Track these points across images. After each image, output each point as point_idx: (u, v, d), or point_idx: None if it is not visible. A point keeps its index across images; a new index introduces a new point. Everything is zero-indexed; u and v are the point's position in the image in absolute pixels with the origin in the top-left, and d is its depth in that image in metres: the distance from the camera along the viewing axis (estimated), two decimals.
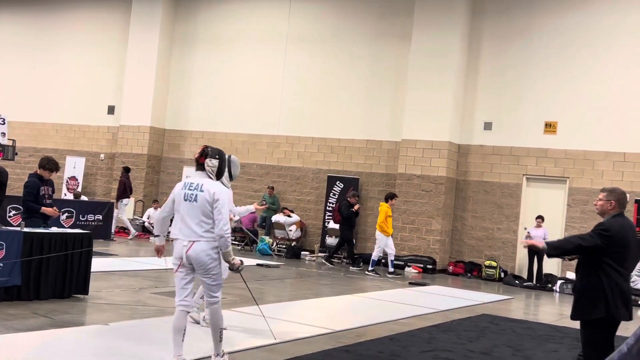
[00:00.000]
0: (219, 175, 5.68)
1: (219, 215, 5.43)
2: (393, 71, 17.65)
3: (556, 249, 5.25)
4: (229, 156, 6.97)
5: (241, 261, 5.74)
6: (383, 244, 14.78)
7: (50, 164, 8.69)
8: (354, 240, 16.22)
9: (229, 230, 5.47)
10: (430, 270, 16.01)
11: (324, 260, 15.78)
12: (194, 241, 5.45)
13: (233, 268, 5.65)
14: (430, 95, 16.49)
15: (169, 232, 5.84)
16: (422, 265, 16.18)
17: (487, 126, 16.67)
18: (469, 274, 16.06)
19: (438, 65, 16.50)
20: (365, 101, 17.96)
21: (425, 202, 16.51)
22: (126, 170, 18.73)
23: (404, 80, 17.16)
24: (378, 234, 14.84)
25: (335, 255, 15.99)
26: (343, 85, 18.30)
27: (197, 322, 7.39)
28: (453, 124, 16.62)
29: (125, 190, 18.26)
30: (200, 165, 5.65)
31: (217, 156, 5.67)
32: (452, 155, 16.68)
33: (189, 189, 5.57)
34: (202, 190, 5.51)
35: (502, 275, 15.65)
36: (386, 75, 17.75)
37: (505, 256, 16.22)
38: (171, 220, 5.86)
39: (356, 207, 15.59)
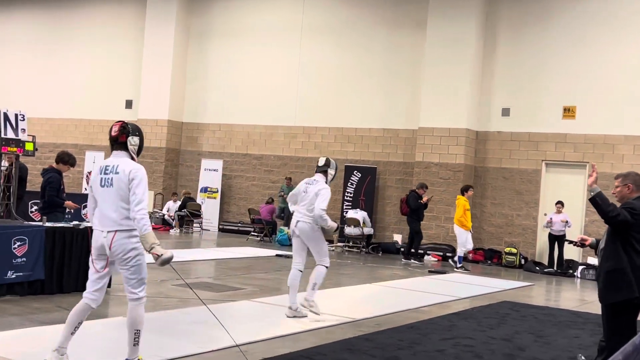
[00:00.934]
0: (138, 154, 5.15)
1: (133, 195, 4.83)
2: (409, 59, 17.58)
3: (602, 201, 5.05)
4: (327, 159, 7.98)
5: (170, 255, 4.89)
6: (464, 239, 14.35)
7: (72, 159, 8.85)
8: (421, 234, 15.36)
9: (144, 212, 4.81)
10: (450, 258, 15.98)
11: (403, 260, 15.11)
12: (113, 231, 4.89)
13: (155, 260, 4.86)
14: (447, 82, 16.41)
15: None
16: (441, 254, 16.17)
17: (505, 112, 16.56)
18: (489, 261, 16.01)
19: (454, 52, 16.40)
20: (381, 90, 17.92)
21: (444, 189, 16.47)
22: None
23: (420, 68, 17.09)
24: (457, 229, 14.40)
25: (411, 250, 15.19)
26: (359, 75, 18.27)
27: (318, 313, 7.47)
28: (470, 111, 16.53)
29: None
30: (119, 145, 5.05)
31: (137, 133, 5.11)
32: (470, 142, 16.60)
33: (105, 173, 4.99)
34: (117, 172, 4.94)
35: (523, 261, 15.59)
36: (402, 64, 17.69)
37: (526, 243, 16.15)
38: None
39: (425, 198, 14.91)
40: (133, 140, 5.06)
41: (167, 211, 19.37)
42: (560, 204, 15.03)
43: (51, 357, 4.85)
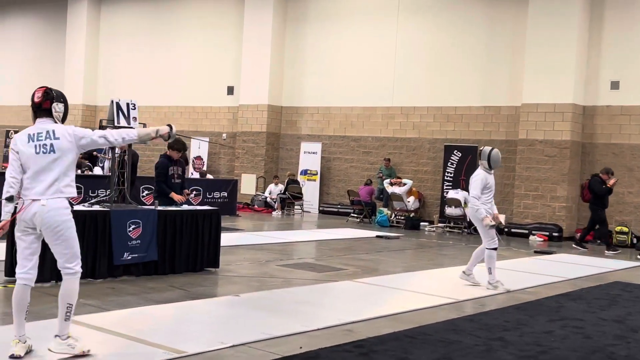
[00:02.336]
0: (63, 121, 4.88)
1: (100, 139, 4.83)
2: (510, 33, 17.05)
3: None
4: (492, 149, 8.58)
5: (170, 126, 5.01)
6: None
7: (178, 144, 9.13)
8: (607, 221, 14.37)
9: (118, 133, 4.88)
10: (557, 238, 15.50)
11: (574, 245, 14.19)
12: (52, 198, 4.63)
13: (164, 137, 4.96)
14: (551, 55, 15.80)
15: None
16: (547, 233, 15.69)
17: (614, 85, 15.78)
18: (598, 241, 15.38)
19: (558, 23, 15.76)
20: (481, 66, 17.50)
21: (549, 167, 15.94)
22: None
23: (523, 42, 16.54)
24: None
25: (586, 238, 14.45)
26: (458, 51, 17.91)
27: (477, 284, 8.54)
28: (577, 85, 15.86)
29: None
30: (43, 111, 4.76)
31: (62, 100, 4.86)
32: (577, 117, 15.95)
33: (39, 140, 4.67)
34: (57, 138, 4.68)
35: (635, 241, 14.87)
36: (503, 38, 17.19)
37: (637, 221, 15.40)
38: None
39: (612, 181, 13.81)
40: (58, 107, 4.80)
41: (269, 194, 19.81)
42: None
43: (18, 350, 4.60)
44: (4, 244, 7.49)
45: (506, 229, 16.32)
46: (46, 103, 4.76)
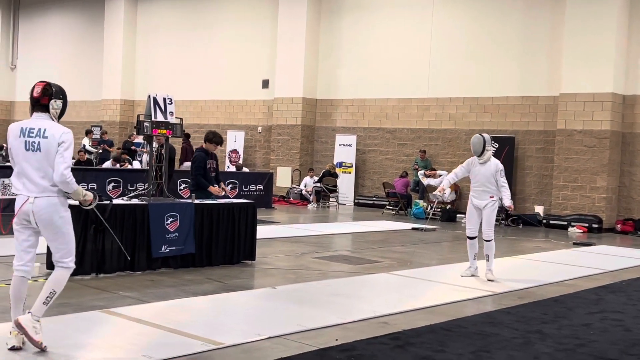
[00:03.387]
0: (60, 117, 4.83)
1: (60, 157, 4.59)
2: (548, 21, 16.77)
3: None
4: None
5: (94, 194, 4.94)
6: None
7: (216, 138, 9.22)
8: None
9: (69, 173, 4.63)
10: (596, 230, 15.25)
11: None
12: (40, 197, 4.62)
13: (84, 205, 4.92)
14: (590, 43, 15.50)
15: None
16: (586, 225, 15.44)
17: None
18: (639, 232, 15.10)
19: (597, 10, 15.45)
20: (518, 55, 17.25)
21: (589, 158, 15.67)
22: (187, 136, 19.41)
23: (561, 30, 16.26)
24: None
25: None
26: (494, 41, 17.69)
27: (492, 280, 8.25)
28: (617, 74, 15.54)
29: (187, 156, 18.58)
30: (41, 107, 4.72)
31: (61, 96, 4.78)
32: (617, 107, 15.64)
33: (29, 136, 4.63)
34: (45, 137, 4.62)
35: None
36: (541, 26, 16.91)
37: None
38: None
39: None
40: (56, 104, 4.73)
41: (305, 186, 19.87)
42: None
43: (16, 341, 4.62)
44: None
45: (544, 221, 16.12)
46: (44, 99, 4.71)
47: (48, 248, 7.34)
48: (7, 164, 15.49)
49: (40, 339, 4.61)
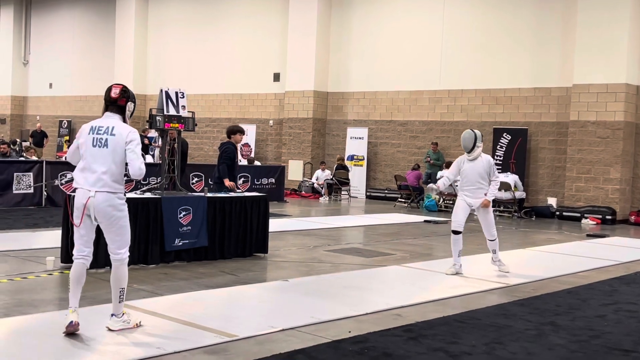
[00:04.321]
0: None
1: (133, 154, 4.91)
2: (560, 12, 16.65)
3: None
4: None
5: None
6: None
7: (239, 127, 9.60)
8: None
9: (144, 167, 4.97)
10: (610, 221, 15.17)
11: None
12: (102, 191, 4.88)
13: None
14: (603, 34, 15.39)
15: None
16: (600, 217, 15.36)
17: None
18: None
19: (611, 0, 15.30)
20: (531, 47, 17.15)
21: (602, 149, 15.57)
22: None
23: (573, 21, 16.14)
24: None
25: None
26: (506, 32, 17.59)
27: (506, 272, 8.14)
28: (630, 64, 15.41)
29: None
30: (116, 107, 5.04)
31: (134, 100, 5.17)
32: (630, 97, 15.52)
33: (98, 133, 4.94)
34: (113, 134, 4.92)
35: None
36: (553, 17, 16.80)
37: None
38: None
39: None
40: (131, 106, 5.09)
41: (316, 180, 19.87)
42: None
43: (75, 317, 4.87)
44: (59, 231, 7.74)
45: (558, 213, 16.05)
46: (122, 100, 5.04)
47: (62, 241, 7.45)
48: (22, 158, 15.60)
49: (134, 323, 5.13)
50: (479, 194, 8.05)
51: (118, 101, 5.04)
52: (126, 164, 4.98)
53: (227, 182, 9.17)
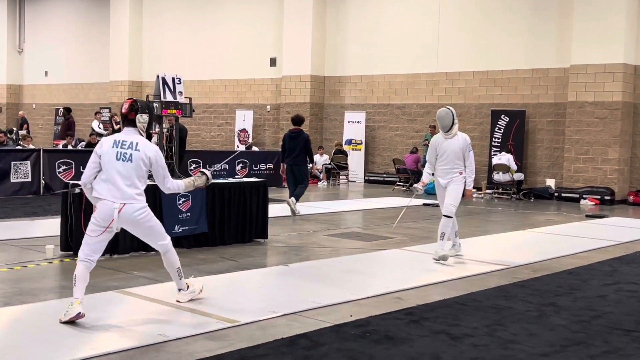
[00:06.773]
0: (148, 130, 5.35)
1: (163, 178, 5.28)
2: None
3: None
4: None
5: (203, 175, 5.69)
6: None
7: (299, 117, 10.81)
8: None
9: (172, 185, 5.37)
10: (608, 202, 15.19)
11: None
12: (125, 204, 5.07)
13: (205, 186, 5.77)
14: (601, 14, 15.31)
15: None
16: (599, 197, 15.38)
17: None
18: None
19: None
20: (528, 28, 17.06)
21: (600, 130, 15.55)
22: (68, 110, 19.77)
23: (571, 1, 16.05)
24: None
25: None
26: (503, 13, 17.50)
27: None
28: (627, 44, 15.35)
29: (70, 129, 18.61)
30: (130, 122, 5.24)
31: (147, 111, 5.29)
32: (628, 77, 15.48)
33: (122, 147, 5.14)
34: (137, 150, 5.14)
35: None
36: None
37: None
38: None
39: None
40: (142, 118, 5.24)
41: (314, 164, 19.83)
42: None
43: (81, 308, 4.92)
44: (58, 219, 7.72)
45: (556, 194, 16.06)
46: (131, 114, 5.22)
47: (61, 229, 7.44)
48: (18, 147, 15.55)
49: (199, 291, 5.67)
50: (451, 174, 7.89)
51: (129, 115, 5.23)
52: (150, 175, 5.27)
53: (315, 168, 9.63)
